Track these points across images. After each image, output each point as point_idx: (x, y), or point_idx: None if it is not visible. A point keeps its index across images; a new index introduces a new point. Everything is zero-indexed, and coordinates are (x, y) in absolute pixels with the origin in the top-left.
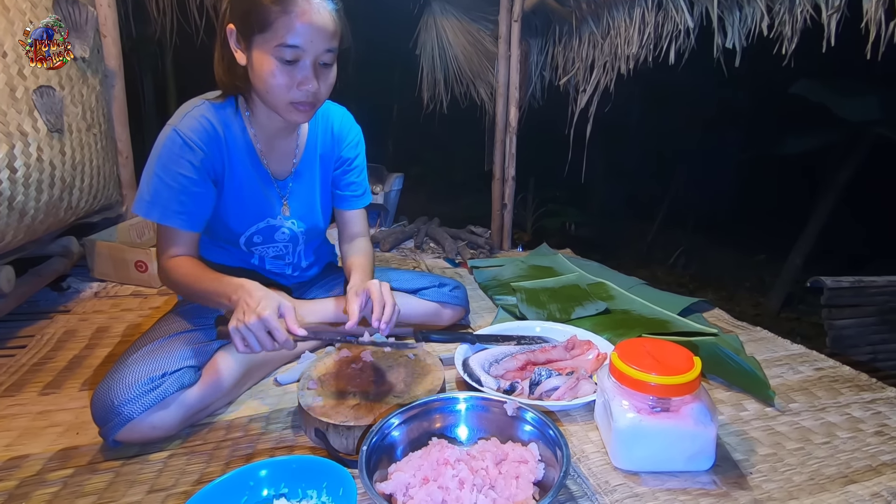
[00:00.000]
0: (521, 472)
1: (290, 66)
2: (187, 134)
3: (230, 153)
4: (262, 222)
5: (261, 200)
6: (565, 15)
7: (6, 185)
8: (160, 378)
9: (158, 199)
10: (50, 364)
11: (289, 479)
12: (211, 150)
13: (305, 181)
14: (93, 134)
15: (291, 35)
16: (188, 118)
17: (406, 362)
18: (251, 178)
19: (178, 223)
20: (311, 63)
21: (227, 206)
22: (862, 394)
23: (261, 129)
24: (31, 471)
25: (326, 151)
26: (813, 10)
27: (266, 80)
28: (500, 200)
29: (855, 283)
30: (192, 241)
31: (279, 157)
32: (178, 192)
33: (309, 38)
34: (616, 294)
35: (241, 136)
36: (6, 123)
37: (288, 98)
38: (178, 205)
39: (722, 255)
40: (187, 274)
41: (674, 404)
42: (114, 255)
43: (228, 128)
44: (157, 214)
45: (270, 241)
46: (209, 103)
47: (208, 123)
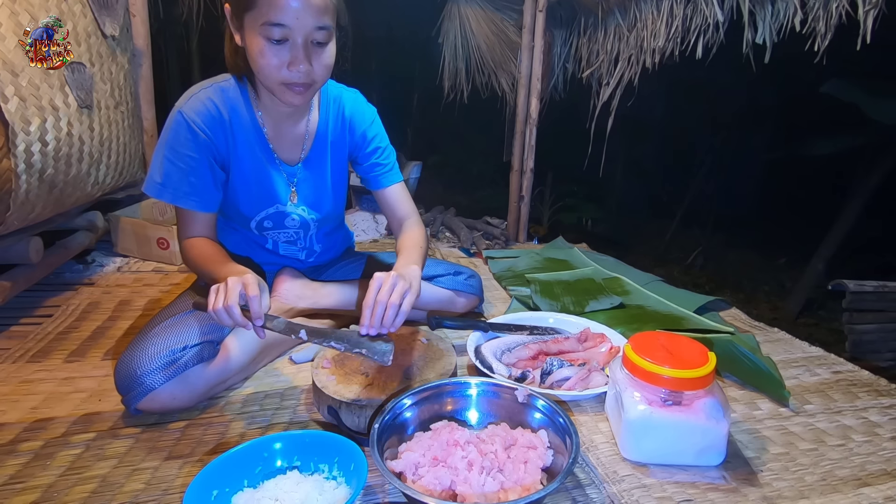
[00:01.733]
0: (530, 457)
1: (278, 46)
2: (191, 116)
3: (235, 137)
4: (271, 208)
5: (269, 186)
6: (591, 6)
7: (38, 157)
8: (181, 351)
9: (169, 180)
10: (74, 333)
11: (302, 453)
12: (215, 133)
13: (316, 168)
14: (120, 111)
15: (276, 13)
16: (193, 100)
17: (419, 346)
18: (259, 163)
19: (189, 204)
20: (301, 42)
21: (236, 189)
22: (880, 399)
23: (267, 112)
24: (56, 433)
25: (338, 137)
26: (849, 5)
27: (256, 61)
28: (517, 192)
29: (879, 288)
30: (208, 221)
31: (288, 143)
32: (188, 174)
33: (295, 15)
34: (631, 289)
35: (249, 119)
36: (39, 98)
37: (279, 78)
38: (188, 186)
39: (741, 257)
40: (198, 255)
41: (686, 398)
42: (137, 232)
43: (235, 111)
44: (169, 195)
45: (281, 226)
46: (217, 86)
47: (213, 106)
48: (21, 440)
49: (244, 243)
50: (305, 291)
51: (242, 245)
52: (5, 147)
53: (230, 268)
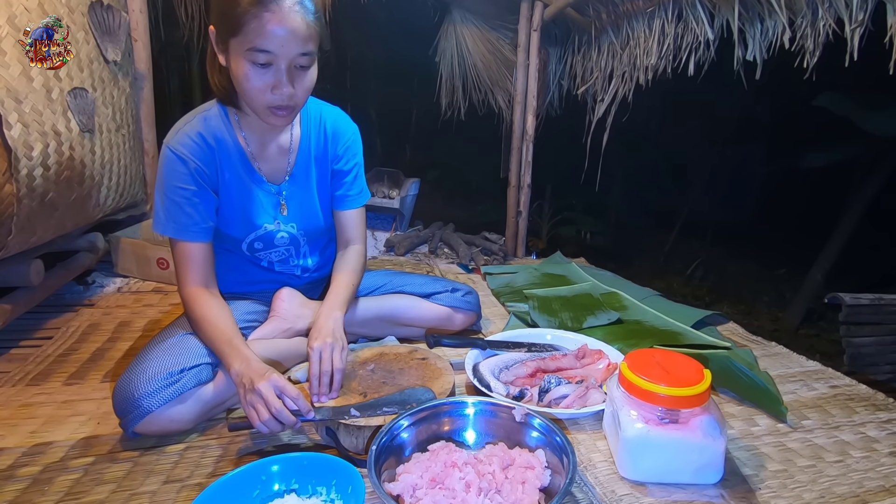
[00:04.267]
0: (528, 477)
1: (262, 70)
2: (179, 149)
3: (221, 162)
4: (259, 229)
5: (256, 205)
6: (585, 25)
7: (40, 181)
8: (179, 373)
9: (169, 215)
10: (74, 355)
11: (300, 476)
12: (204, 162)
13: (301, 184)
14: (121, 134)
15: (262, 40)
16: (179, 134)
17: (417, 365)
18: (244, 185)
19: (190, 236)
20: (285, 67)
21: (225, 213)
22: (878, 413)
23: (251, 131)
24: (55, 457)
25: (321, 153)
26: (836, 23)
27: (241, 84)
28: (515, 208)
29: (874, 301)
30: (205, 257)
31: (272, 161)
32: (184, 205)
33: (280, 42)
34: (629, 304)
35: (232, 142)
36: (42, 123)
37: (264, 101)
38: (185, 217)
39: (741, 268)
40: (202, 317)
41: (682, 416)
42: (137, 252)
43: (218, 138)
44: (172, 230)
45: (271, 246)
46: (200, 116)
47: (198, 136)
48: (20, 465)
49: (240, 263)
50: (304, 311)
51: (238, 265)
52: (8, 172)
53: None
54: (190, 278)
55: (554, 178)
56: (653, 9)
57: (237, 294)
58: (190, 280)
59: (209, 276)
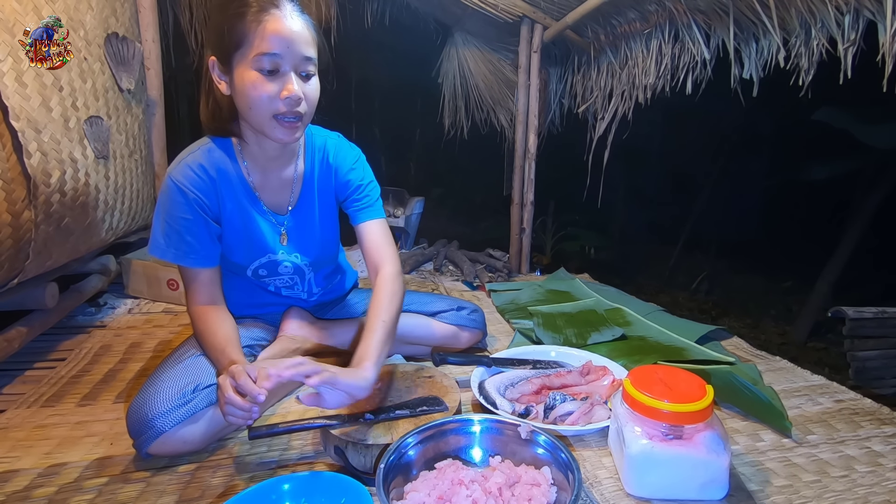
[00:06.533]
0: (534, 494)
1: (270, 77)
2: (181, 181)
3: (223, 193)
4: (263, 257)
5: (258, 236)
6: (584, 46)
7: (56, 207)
8: (192, 393)
9: (170, 241)
10: (87, 377)
11: (309, 494)
12: (206, 193)
13: (305, 214)
14: (134, 159)
15: (267, 43)
16: (181, 166)
17: (423, 383)
18: (247, 214)
19: (189, 262)
20: (291, 70)
21: (228, 242)
22: (883, 427)
23: (253, 161)
24: (69, 478)
25: (324, 184)
26: (828, 42)
27: (249, 95)
28: (518, 225)
29: (878, 314)
30: (212, 279)
31: (275, 191)
32: (184, 233)
33: (285, 44)
34: (633, 320)
35: (235, 173)
36: (59, 151)
37: (272, 110)
38: (186, 245)
39: (746, 282)
40: (203, 332)
41: (686, 432)
42: (148, 274)
43: (220, 169)
44: (172, 255)
45: (275, 273)
46: (202, 149)
47: (200, 168)
48: (36, 486)
49: (247, 287)
50: (312, 331)
51: (246, 288)
52: (27, 199)
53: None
54: (196, 298)
55: (557, 194)
56: (650, 30)
57: (246, 316)
58: (196, 300)
59: (216, 295)
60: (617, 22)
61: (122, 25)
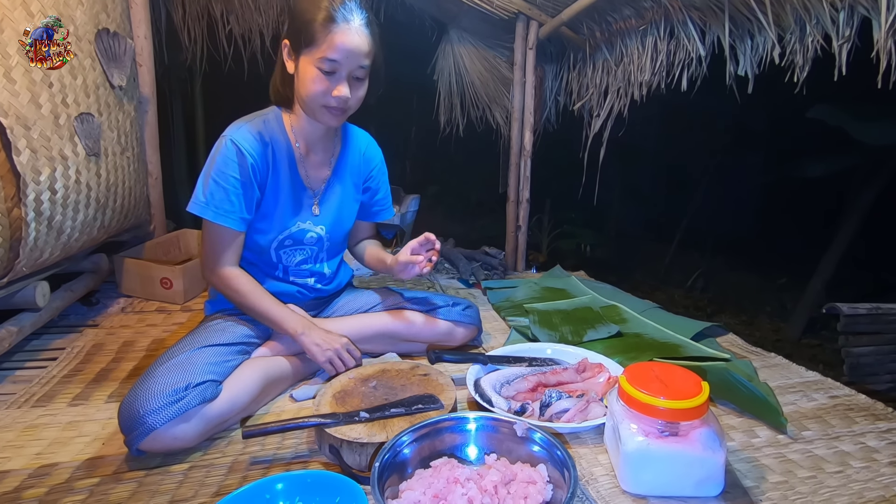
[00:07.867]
0: (530, 492)
1: (327, 76)
2: (241, 143)
3: (275, 159)
4: (293, 226)
5: (294, 203)
6: (579, 43)
7: (47, 205)
8: (184, 390)
9: (212, 199)
10: (79, 376)
11: (303, 493)
12: (260, 157)
13: (335, 191)
14: (126, 157)
15: (332, 51)
16: (242, 130)
17: (419, 381)
18: (289, 183)
19: (229, 222)
20: (345, 75)
21: (265, 210)
22: (878, 423)
23: (301, 135)
24: (60, 479)
25: (355, 170)
26: (823, 39)
27: (307, 86)
28: (514, 222)
29: (872, 311)
30: (238, 244)
31: (315, 165)
32: (230, 193)
33: (346, 55)
34: (629, 317)
35: (284, 143)
36: (49, 148)
37: (322, 101)
38: (228, 204)
39: (741, 279)
40: (247, 291)
41: (682, 429)
42: (141, 272)
43: (274, 138)
44: (212, 213)
45: (300, 244)
46: (260, 118)
47: (258, 134)
48: (26, 487)
49: (255, 274)
50: None
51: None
52: (16, 197)
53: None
54: (224, 259)
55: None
56: (645, 27)
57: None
58: (224, 260)
59: (238, 262)
60: (612, 18)
61: (114, 21)
